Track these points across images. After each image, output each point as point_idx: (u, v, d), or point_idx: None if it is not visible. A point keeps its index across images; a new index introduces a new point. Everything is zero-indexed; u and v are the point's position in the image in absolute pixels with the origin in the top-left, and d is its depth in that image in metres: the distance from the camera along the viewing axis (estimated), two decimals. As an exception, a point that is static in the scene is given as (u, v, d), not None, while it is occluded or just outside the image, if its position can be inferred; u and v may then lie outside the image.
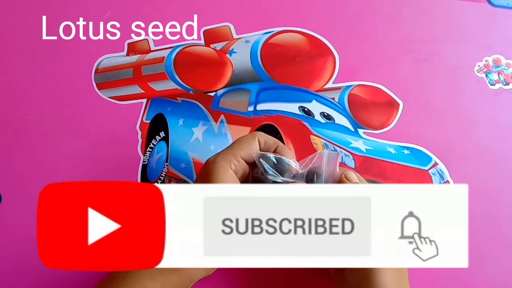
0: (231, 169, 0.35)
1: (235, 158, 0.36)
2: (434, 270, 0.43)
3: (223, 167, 0.35)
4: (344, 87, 0.49)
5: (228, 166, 0.35)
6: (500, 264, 0.44)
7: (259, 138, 0.37)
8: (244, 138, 0.37)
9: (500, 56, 0.50)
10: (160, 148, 0.47)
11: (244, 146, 0.36)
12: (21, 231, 0.44)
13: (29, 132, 0.47)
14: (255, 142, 0.37)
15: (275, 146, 0.37)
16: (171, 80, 0.49)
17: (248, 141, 0.37)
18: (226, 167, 0.35)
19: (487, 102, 0.49)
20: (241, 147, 0.36)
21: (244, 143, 0.36)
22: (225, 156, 0.36)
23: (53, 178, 0.46)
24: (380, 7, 0.52)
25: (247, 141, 0.37)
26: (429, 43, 0.51)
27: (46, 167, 0.46)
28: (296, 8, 0.52)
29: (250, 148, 0.36)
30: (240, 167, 0.36)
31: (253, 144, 0.36)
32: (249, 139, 0.37)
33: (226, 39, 0.51)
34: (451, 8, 0.52)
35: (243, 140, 0.37)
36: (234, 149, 0.36)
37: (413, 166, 0.46)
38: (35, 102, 0.48)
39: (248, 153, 0.36)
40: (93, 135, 0.47)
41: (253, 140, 0.37)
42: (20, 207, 0.45)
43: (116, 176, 0.46)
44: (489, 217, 0.45)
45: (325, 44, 0.50)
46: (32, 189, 0.45)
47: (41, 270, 0.43)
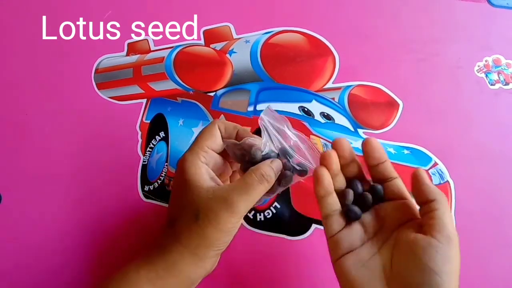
0: (201, 161, 0.36)
1: (202, 150, 0.36)
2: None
3: (193, 162, 0.35)
4: (344, 87, 0.49)
5: (197, 159, 0.36)
6: (500, 264, 0.44)
7: (219, 126, 0.38)
8: (206, 129, 0.38)
9: (500, 56, 0.50)
10: (160, 148, 0.47)
11: (207, 137, 0.37)
12: (21, 231, 0.44)
13: (29, 132, 0.47)
14: (216, 130, 0.37)
15: (235, 130, 0.38)
16: (171, 80, 0.49)
17: (209, 131, 0.37)
18: (196, 160, 0.36)
19: (487, 102, 0.49)
20: (205, 138, 0.37)
21: (206, 134, 0.37)
22: (193, 151, 0.36)
23: (53, 178, 0.46)
24: (380, 7, 0.52)
25: (209, 131, 0.37)
26: (429, 43, 0.51)
27: (46, 167, 0.46)
28: (296, 8, 0.52)
29: (213, 137, 0.37)
30: (210, 157, 0.37)
31: (215, 133, 0.37)
32: (211, 129, 0.37)
33: (226, 39, 0.51)
34: (451, 8, 0.52)
35: (205, 132, 0.37)
36: (199, 142, 0.37)
37: (413, 166, 0.46)
38: (35, 102, 0.48)
39: (213, 142, 0.37)
40: (93, 135, 0.47)
41: (214, 129, 0.37)
42: (20, 207, 0.45)
43: (116, 176, 0.46)
44: (489, 217, 0.45)
45: (325, 44, 0.50)
46: (32, 188, 0.46)
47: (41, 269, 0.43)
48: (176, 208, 0.36)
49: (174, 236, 0.34)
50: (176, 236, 0.34)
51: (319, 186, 0.35)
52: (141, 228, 0.44)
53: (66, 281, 0.43)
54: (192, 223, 0.34)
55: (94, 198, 0.45)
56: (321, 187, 0.35)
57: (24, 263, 0.43)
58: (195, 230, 0.33)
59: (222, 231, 0.33)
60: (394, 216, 0.35)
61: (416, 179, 0.34)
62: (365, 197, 0.36)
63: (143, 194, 0.46)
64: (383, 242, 0.35)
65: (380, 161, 0.36)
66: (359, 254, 0.34)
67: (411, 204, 0.35)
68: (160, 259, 0.34)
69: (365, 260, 0.34)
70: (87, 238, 0.44)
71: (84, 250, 0.44)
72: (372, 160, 0.36)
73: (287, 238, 0.44)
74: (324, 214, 0.35)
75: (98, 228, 0.44)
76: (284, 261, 0.43)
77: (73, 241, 0.44)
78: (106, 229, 0.44)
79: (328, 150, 0.36)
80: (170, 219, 0.36)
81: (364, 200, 0.36)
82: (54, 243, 0.44)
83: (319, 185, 0.35)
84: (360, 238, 0.35)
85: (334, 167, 0.35)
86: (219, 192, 0.34)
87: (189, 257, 0.34)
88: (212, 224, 0.33)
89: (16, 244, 0.44)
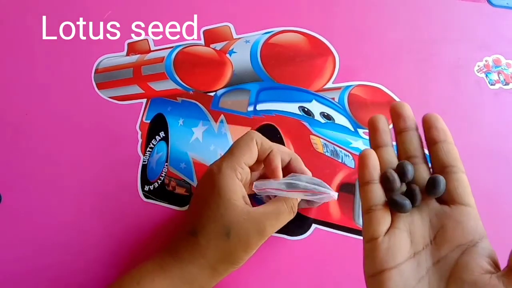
0: (238, 178, 0.35)
1: (239, 166, 0.35)
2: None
3: (230, 176, 0.34)
4: (344, 87, 0.49)
5: (234, 175, 0.34)
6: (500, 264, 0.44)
7: (257, 141, 0.36)
8: (244, 142, 0.36)
9: (500, 56, 0.50)
10: (160, 148, 0.47)
11: (245, 151, 0.35)
12: (21, 231, 0.44)
13: (29, 132, 0.47)
14: (254, 146, 0.36)
15: (269, 150, 0.37)
16: (171, 80, 0.49)
17: (247, 144, 0.36)
18: (233, 176, 0.34)
19: (487, 102, 0.49)
20: (243, 152, 0.35)
21: (244, 148, 0.36)
22: (230, 164, 0.35)
23: (53, 178, 0.46)
24: (380, 7, 0.52)
25: (247, 144, 0.36)
26: (429, 43, 0.51)
27: (46, 167, 0.46)
28: (296, 8, 0.52)
29: (251, 152, 0.36)
30: (244, 174, 0.36)
31: (252, 148, 0.36)
32: (248, 142, 0.36)
33: (226, 39, 0.51)
34: (451, 8, 0.52)
35: (243, 145, 0.36)
36: (237, 156, 0.35)
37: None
38: (35, 102, 0.48)
39: (250, 157, 0.36)
40: (93, 135, 0.47)
41: (252, 143, 0.36)
42: (20, 207, 0.45)
43: (116, 176, 0.46)
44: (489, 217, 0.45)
45: (325, 44, 0.50)
46: (32, 189, 0.46)
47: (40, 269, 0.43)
48: (202, 218, 0.35)
49: (197, 248, 0.34)
50: (199, 248, 0.34)
51: (364, 168, 0.29)
52: (141, 228, 0.44)
53: (66, 281, 0.43)
54: (220, 239, 0.33)
55: (94, 198, 0.45)
56: (366, 169, 0.29)
57: (24, 263, 0.43)
58: (222, 246, 0.33)
59: (248, 252, 0.34)
60: (457, 230, 0.27)
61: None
62: (412, 188, 0.28)
63: (143, 194, 0.46)
64: (434, 264, 0.27)
65: (439, 139, 0.29)
66: (405, 274, 0.26)
67: (479, 219, 0.27)
68: (177, 268, 0.34)
69: (411, 285, 0.26)
70: (87, 238, 0.44)
71: (84, 250, 0.44)
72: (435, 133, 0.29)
73: (287, 238, 0.44)
74: (365, 208, 0.29)
75: (98, 228, 0.44)
76: (284, 261, 0.43)
77: (73, 241, 0.44)
78: (106, 229, 0.44)
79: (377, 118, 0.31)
80: (193, 228, 0.35)
81: (411, 192, 0.28)
82: (54, 243, 0.44)
83: (364, 167, 0.29)
84: (406, 249, 0.27)
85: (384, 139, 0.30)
86: (254, 215, 0.34)
87: (208, 271, 0.34)
88: (242, 244, 0.33)
89: (16, 244, 0.44)
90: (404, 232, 0.27)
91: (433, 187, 0.27)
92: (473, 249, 0.26)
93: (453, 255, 0.26)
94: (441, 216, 0.28)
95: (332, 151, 0.47)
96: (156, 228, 0.44)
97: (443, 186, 0.27)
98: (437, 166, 0.30)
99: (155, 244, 0.43)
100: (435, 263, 0.26)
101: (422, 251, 0.27)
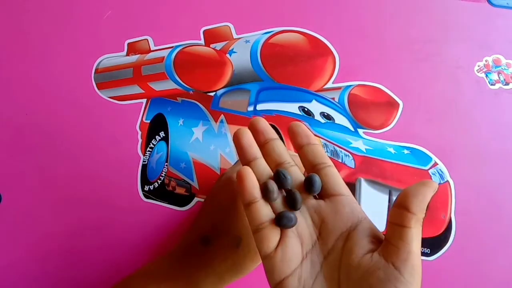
0: None
1: None
2: (434, 270, 0.43)
3: None
4: (344, 87, 0.49)
5: None
6: (501, 264, 0.44)
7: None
8: None
9: (500, 56, 0.50)
10: (160, 148, 0.47)
11: None
12: (20, 231, 0.44)
13: (29, 132, 0.47)
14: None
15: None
16: (171, 80, 0.49)
17: None
18: None
19: (487, 102, 0.49)
20: None
21: None
22: None
23: (53, 178, 0.46)
24: (380, 7, 0.52)
25: None
26: (429, 43, 0.51)
27: (46, 167, 0.46)
28: (296, 8, 0.52)
29: None
30: None
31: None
32: None
33: (226, 39, 0.51)
34: (451, 8, 0.52)
35: None
36: None
37: (413, 166, 0.46)
38: (35, 102, 0.48)
39: None
40: (93, 135, 0.47)
41: None
42: (20, 207, 0.45)
43: (116, 176, 0.46)
44: (489, 217, 0.45)
45: (325, 44, 0.50)
46: (32, 189, 0.46)
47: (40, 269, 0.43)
48: (218, 227, 0.35)
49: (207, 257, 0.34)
50: (208, 257, 0.34)
51: (243, 190, 0.28)
52: (141, 228, 0.44)
53: (66, 281, 0.43)
54: (230, 248, 0.34)
55: (94, 198, 0.45)
56: (245, 191, 0.28)
57: (23, 263, 0.43)
58: (231, 256, 0.34)
59: (256, 262, 0.34)
60: (336, 220, 0.28)
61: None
62: (291, 192, 0.29)
63: (143, 194, 0.46)
64: (325, 258, 0.28)
65: (303, 143, 0.30)
66: (302, 277, 0.27)
67: (354, 203, 0.28)
68: (184, 275, 0.34)
69: (309, 284, 0.27)
70: (87, 238, 0.44)
71: (84, 250, 0.44)
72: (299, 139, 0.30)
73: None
74: (253, 228, 0.28)
75: (98, 228, 0.44)
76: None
77: (73, 241, 0.44)
78: (106, 228, 0.44)
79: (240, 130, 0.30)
80: (204, 236, 0.35)
81: (292, 196, 0.29)
82: (54, 243, 0.44)
83: (243, 189, 0.28)
84: (298, 253, 0.28)
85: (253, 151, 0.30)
86: None
87: (214, 280, 0.34)
88: (251, 254, 0.33)
89: (16, 244, 0.44)
90: (293, 238, 0.28)
91: (311, 185, 0.29)
92: (354, 233, 0.27)
93: (338, 244, 0.27)
94: (319, 211, 0.29)
95: (332, 151, 0.47)
96: (156, 228, 0.44)
97: (319, 182, 0.29)
98: (308, 167, 0.31)
99: (155, 243, 0.43)
100: (326, 256, 0.28)
101: (312, 249, 0.28)
